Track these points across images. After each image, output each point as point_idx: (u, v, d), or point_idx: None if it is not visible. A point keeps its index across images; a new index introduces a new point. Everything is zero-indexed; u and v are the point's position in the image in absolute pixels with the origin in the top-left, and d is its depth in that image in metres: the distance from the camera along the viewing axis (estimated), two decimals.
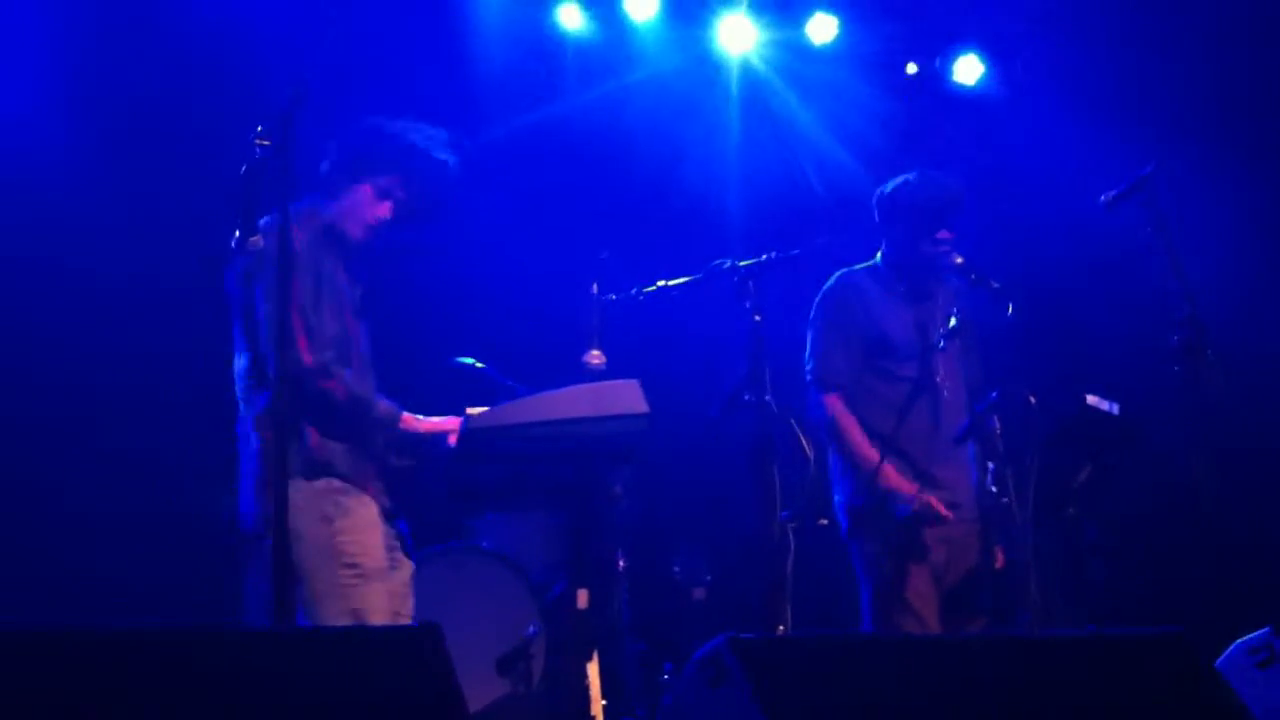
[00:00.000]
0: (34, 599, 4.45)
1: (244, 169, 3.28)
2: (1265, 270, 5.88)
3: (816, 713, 2.66)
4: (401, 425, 3.60)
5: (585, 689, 3.55)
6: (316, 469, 3.47)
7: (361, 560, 3.45)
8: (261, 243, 3.37)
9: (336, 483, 3.48)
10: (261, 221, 3.38)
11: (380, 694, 2.36)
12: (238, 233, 3.45)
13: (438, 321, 5.15)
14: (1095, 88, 6.10)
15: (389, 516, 3.61)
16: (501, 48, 5.81)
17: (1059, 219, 5.92)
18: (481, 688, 4.25)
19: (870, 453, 4.32)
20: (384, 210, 3.70)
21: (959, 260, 4.52)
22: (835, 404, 4.44)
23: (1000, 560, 4.34)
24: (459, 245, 5.24)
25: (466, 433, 3.52)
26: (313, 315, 3.45)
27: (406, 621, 3.57)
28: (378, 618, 3.42)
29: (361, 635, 2.83)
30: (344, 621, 3.36)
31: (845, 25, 6.14)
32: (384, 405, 3.59)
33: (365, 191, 3.69)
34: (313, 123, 3.30)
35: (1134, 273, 5.45)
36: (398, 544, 3.65)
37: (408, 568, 3.66)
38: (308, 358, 3.41)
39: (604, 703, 3.57)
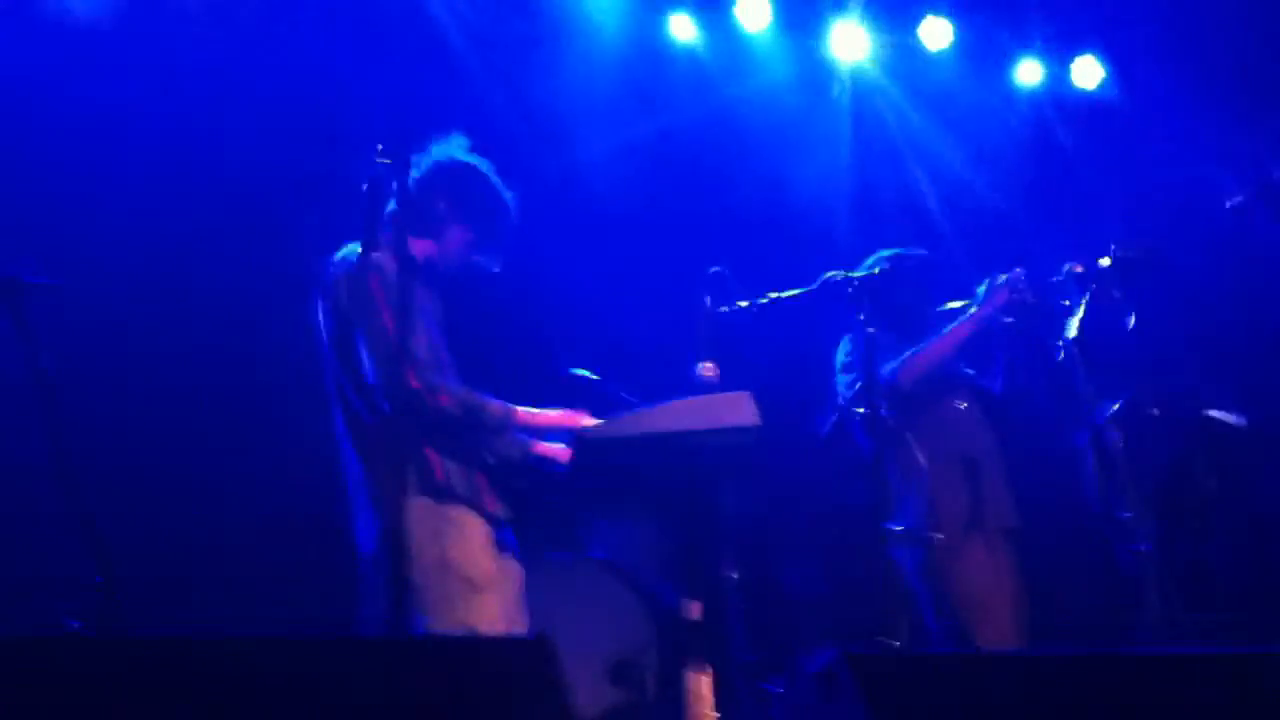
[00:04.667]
0: (150, 607, 4.53)
1: (365, 185, 3.36)
2: None
3: None
4: (517, 420, 3.61)
5: (698, 700, 3.54)
6: (438, 492, 3.50)
7: (472, 573, 3.48)
8: (386, 260, 3.46)
9: (452, 502, 3.52)
10: (350, 253, 3.48)
11: (492, 704, 2.38)
12: (359, 247, 3.55)
13: (552, 335, 5.18)
14: (1219, 87, 5.94)
15: (499, 527, 3.63)
16: (615, 59, 5.84)
17: (1184, 224, 5.77)
18: (594, 697, 4.26)
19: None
20: (473, 251, 3.79)
21: (1079, 269, 4.45)
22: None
23: None
24: (572, 258, 5.28)
25: (580, 444, 3.55)
26: (410, 342, 3.46)
27: (520, 630, 3.59)
28: (492, 628, 3.45)
29: (474, 645, 2.87)
30: (454, 630, 3.39)
31: (959, 30, 6.05)
32: (495, 405, 3.60)
33: (459, 234, 3.76)
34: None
35: (1265, 280, 5.31)
36: (508, 555, 3.67)
37: (518, 577, 3.69)
38: (414, 382, 3.44)
39: (718, 715, 3.55)
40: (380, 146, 3.22)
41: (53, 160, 4.83)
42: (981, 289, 4.61)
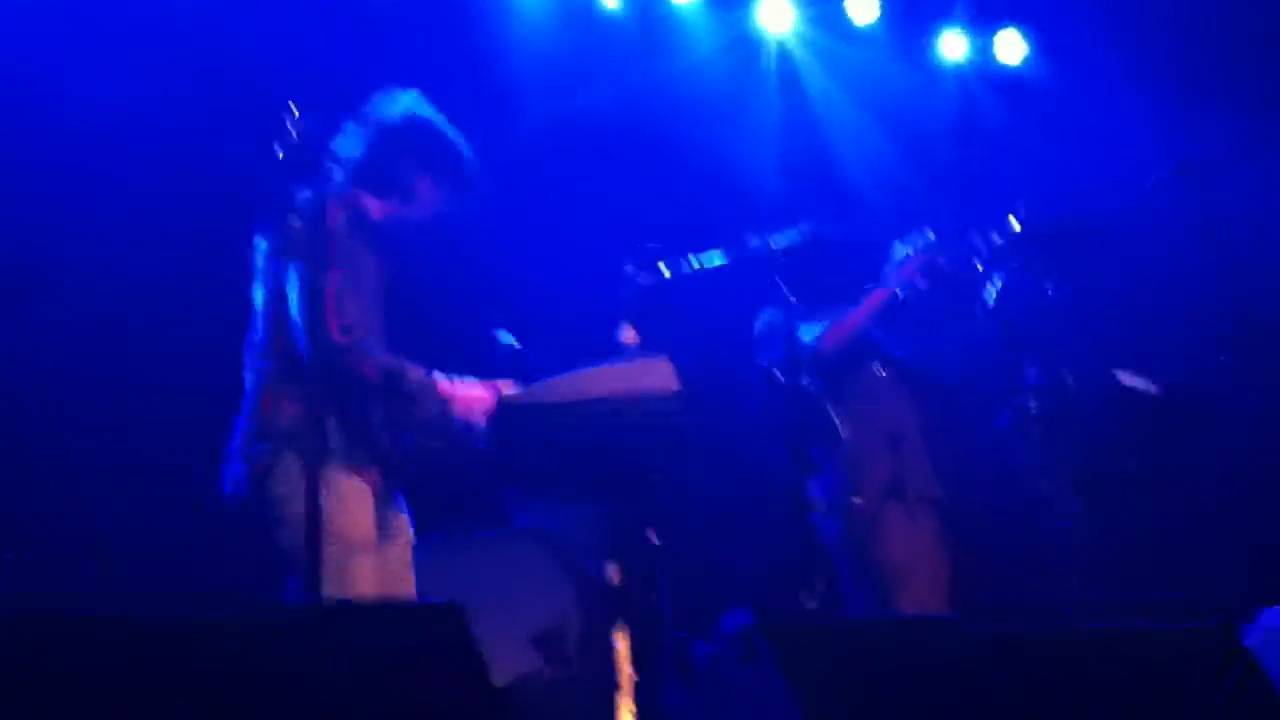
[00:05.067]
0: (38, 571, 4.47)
1: (278, 149, 3.32)
2: None
3: (848, 694, 2.65)
4: (437, 391, 3.57)
5: (618, 666, 3.56)
6: (318, 451, 3.45)
7: (348, 534, 3.43)
8: (298, 223, 3.42)
9: (333, 462, 3.45)
10: (299, 198, 3.43)
11: (405, 671, 2.37)
12: (272, 211, 3.51)
13: (474, 300, 5.16)
14: (1144, 66, 6.01)
15: (382, 493, 3.60)
16: (541, 29, 5.81)
17: (1106, 198, 5.84)
18: (516, 664, 4.27)
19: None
20: (432, 206, 3.78)
21: (998, 240, 4.50)
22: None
23: None
24: (495, 225, 5.25)
25: (499, 411, 3.54)
26: (344, 297, 3.45)
27: (403, 591, 3.59)
28: (364, 589, 3.42)
29: (384, 611, 2.85)
30: (330, 594, 3.30)
31: (886, 4, 6.08)
32: (415, 373, 3.57)
33: (422, 190, 3.76)
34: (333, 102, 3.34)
35: (1185, 255, 5.38)
36: (394, 516, 3.65)
37: (404, 539, 3.67)
38: (339, 337, 3.42)
39: (636, 679, 3.56)
40: (294, 107, 3.19)
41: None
42: (896, 254, 4.65)
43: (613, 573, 3.53)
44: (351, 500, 3.49)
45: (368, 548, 3.50)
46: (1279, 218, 5.66)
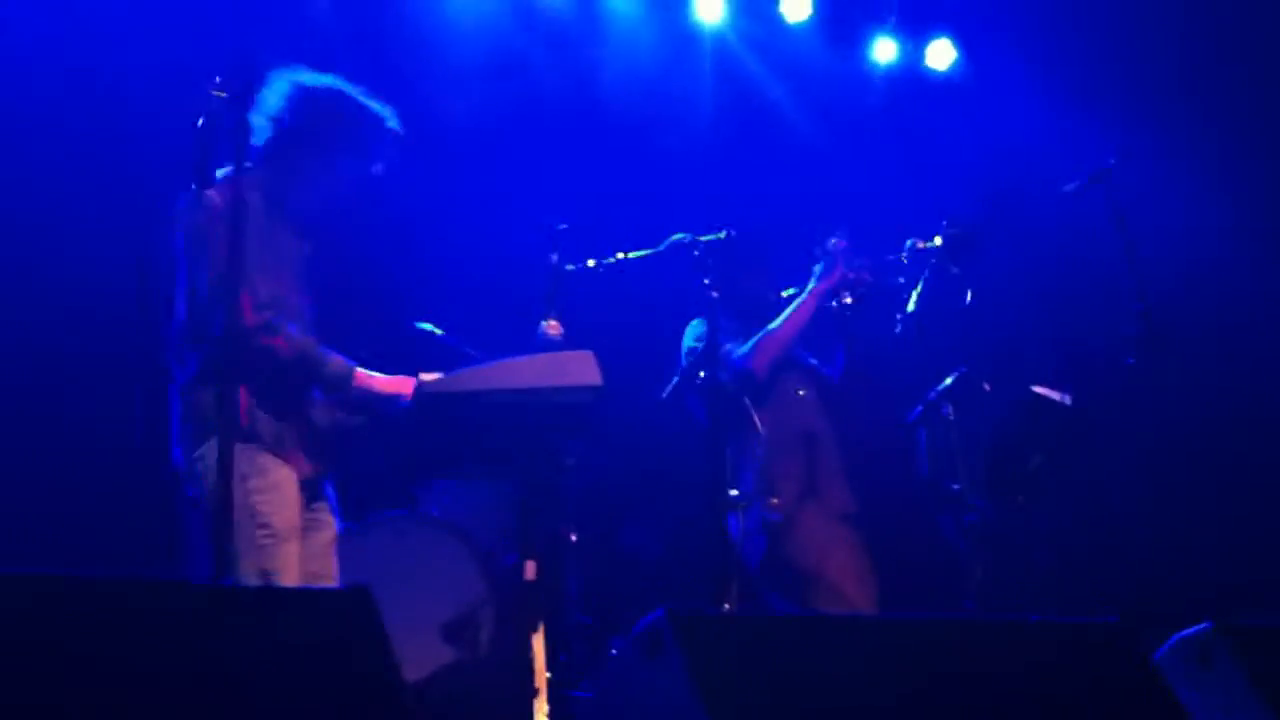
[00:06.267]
0: None
1: (200, 121, 3.24)
2: (1231, 256, 5.89)
3: (752, 690, 2.65)
4: (354, 382, 3.53)
5: (530, 660, 3.54)
6: (244, 436, 3.38)
7: (274, 520, 3.40)
8: (217, 198, 3.35)
9: (256, 447, 3.42)
10: (218, 175, 3.36)
11: (308, 656, 2.32)
12: (193, 186, 3.43)
13: (397, 287, 5.11)
14: (1065, 73, 6.11)
15: (310, 481, 3.56)
16: (475, 16, 5.76)
17: (1024, 206, 5.93)
18: (426, 655, 4.23)
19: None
20: (345, 187, 3.69)
21: (921, 245, 4.56)
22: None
23: None
24: (420, 211, 5.20)
25: (419, 397, 3.50)
26: (257, 276, 3.39)
27: (327, 583, 3.54)
28: (288, 578, 3.38)
29: (290, 596, 2.80)
30: (253, 580, 3.30)
31: (819, 2, 6.10)
32: (335, 361, 3.52)
33: (330, 168, 3.66)
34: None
35: (1094, 262, 5.48)
36: (320, 506, 3.61)
37: (329, 530, 3.63)
38: (249, 316, 3.34)
39: (548, 675, 3.55)
40: (217, 79, 3.11)
41: None
42: (818, 269, 4.68)
43: (527, 566, 3.51)
44: (280, 488, 3.45)
45: (293, 536, 3.45)
46: (1189, 225, 5.78)
